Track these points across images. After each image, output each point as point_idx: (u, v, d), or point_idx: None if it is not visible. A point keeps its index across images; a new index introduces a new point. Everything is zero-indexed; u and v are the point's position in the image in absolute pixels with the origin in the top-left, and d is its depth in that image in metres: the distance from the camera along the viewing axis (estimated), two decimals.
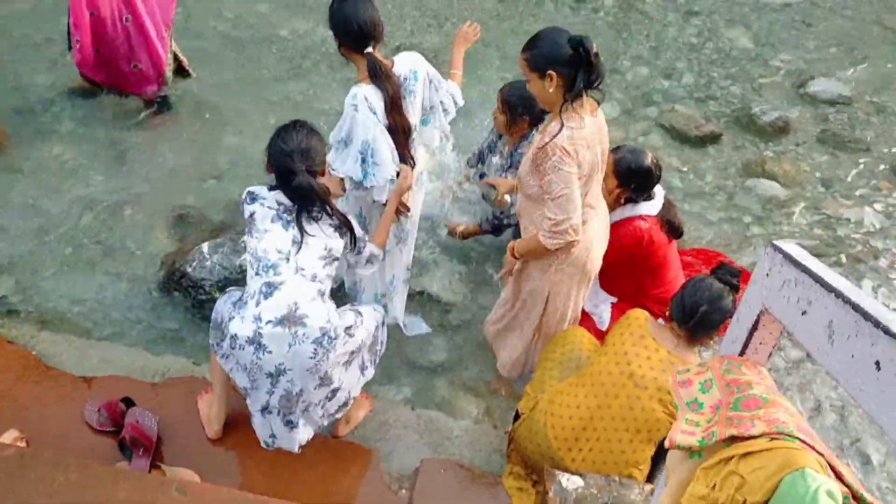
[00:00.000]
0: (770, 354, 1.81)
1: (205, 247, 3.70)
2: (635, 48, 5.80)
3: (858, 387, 1.27)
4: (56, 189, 4.19)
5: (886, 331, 1.20)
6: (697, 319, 2.60)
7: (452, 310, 3.81)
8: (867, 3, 6.66)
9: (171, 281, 3.67)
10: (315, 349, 2.62)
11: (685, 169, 4.77)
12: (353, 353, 2.80)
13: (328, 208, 2.71)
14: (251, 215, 2.70)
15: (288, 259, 2.65)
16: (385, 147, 2.98)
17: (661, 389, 2.58)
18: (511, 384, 3.41)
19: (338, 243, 2.75)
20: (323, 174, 2.74)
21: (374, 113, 2.93)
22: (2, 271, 3.73)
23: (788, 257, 1.57)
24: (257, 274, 2.65)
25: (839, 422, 3.47)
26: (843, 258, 4.25)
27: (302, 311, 2.60)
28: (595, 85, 2.63)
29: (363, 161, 2.98)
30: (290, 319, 2.59)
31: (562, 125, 2.62)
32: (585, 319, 3.37)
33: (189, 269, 3.63)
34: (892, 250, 4.32)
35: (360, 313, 2.84)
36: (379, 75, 2.93)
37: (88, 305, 3.64)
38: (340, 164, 3.01)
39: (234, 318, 2.65)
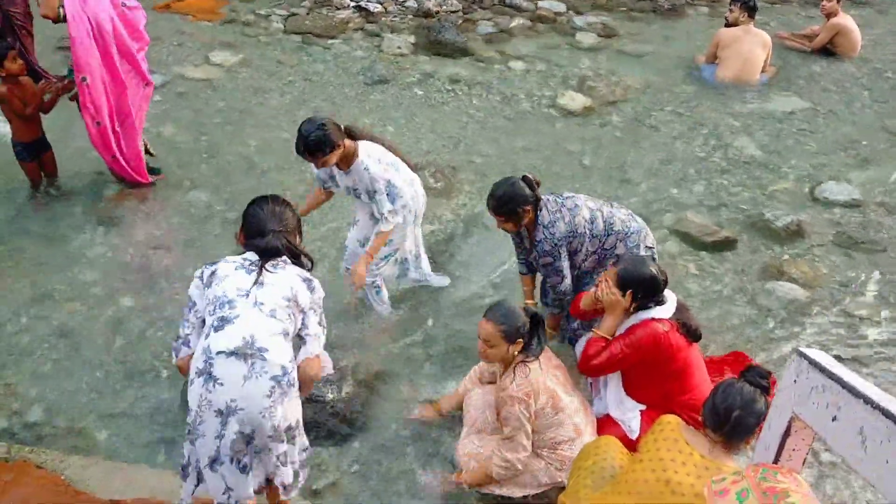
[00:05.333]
0: (804, 461, 1.81)
1: None
2: (645, 160, 5.97)
3: None
4: (86, 312, 4.30)
5: None
6: (732, 424, 2.57)
7: None
8: (869, 108, 6.88)
9: None
10: (272, 387, 2.46)
11: (703, 275, 4.81)
12: (291, 428, 2.65)
13: (301, 261, 2.75)
14: (212, 273, 2.68)
15: (247, 295, 2.56)
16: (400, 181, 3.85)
17: (699, 496, 2.53)
18: None
19: (304, 293, 2.68)
20: (296, 242, 2.83)
21: (379, 161, 3.74)
22: (31, 397, 3.78)
23: (815, 364, 1.59)
24: (212, 314, 2.57)
25: None
26: (872, 360, 4.21)
27: (260, 343, 2.47)
28: (538, 351, 3.18)
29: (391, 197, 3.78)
30: (246, 352, 2.44)
31: (514, 377, 3.10)
32: (615, 428, 3.36)
33: None
34: None
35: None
36: (356, 135, 3.77)
37: (115, 427, 3.65)
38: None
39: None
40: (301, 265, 2.80)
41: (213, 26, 7.78)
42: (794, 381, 1.66)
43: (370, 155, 3.73)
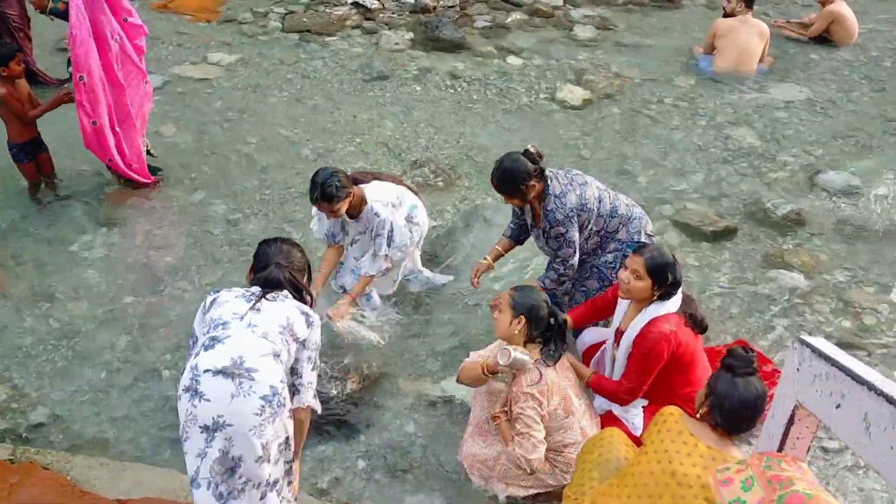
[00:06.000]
0: (808, 449, 1.81)
1: None
2: (644, 151, 5.98)
3: None
4: (88, 312, 4.30)
5: None
6: (746, 420, 2.57)
7: None
8: (868, 97, 6.87)
9: None
10: (262, 406, 2.43)
11: (703, 265, 4.82)
12: (284, 444, 2.63)
13: (303, 297, 2.80)
14: (213, 300, 2.71)
15: (242, 318, 2.58)
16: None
17: (706, 487, 2.53)
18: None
19: (301, 325, 2.67)
20: (300, 279, 2.87)
21: (386, 204, 3.89)
22: (35, 398, 3.79)
23: (817, 351, 1.59)
24: (205, 335, 2.59)
25: None
26: (874, 347, 4.22)
27: (249, 364, 2.45)
28: (556, 356, 3.18)
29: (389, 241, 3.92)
30: (234, 371, 2.42)
31: (528, 375, 3.08)
32: (618, 425, 3.36)
33: None
34: None
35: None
36: (360, 180, 3.91)
37: (121, 427, 3.66)
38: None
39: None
40: (303, 301, 2.82)
41: (211, 26, 7.78)
42: (797, 369, 1.66)
43: (377, 200, 3.87)
